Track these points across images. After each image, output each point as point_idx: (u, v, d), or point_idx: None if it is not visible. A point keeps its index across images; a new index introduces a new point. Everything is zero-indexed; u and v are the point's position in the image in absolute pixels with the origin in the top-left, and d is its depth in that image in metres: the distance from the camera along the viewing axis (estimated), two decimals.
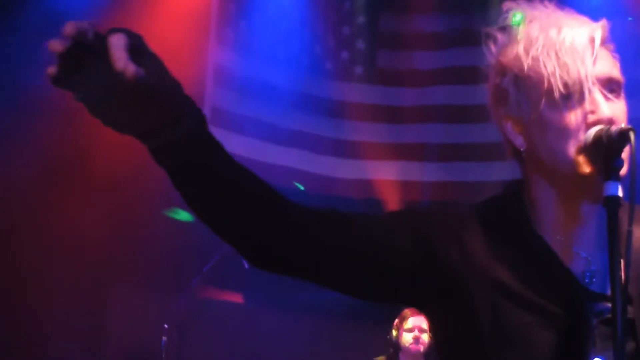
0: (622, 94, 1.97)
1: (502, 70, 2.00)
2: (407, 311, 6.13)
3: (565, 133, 1.91)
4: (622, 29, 6.92)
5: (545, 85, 1.91)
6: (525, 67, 1.94)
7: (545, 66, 1.91)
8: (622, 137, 1.79)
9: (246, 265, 6.76)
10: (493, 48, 2.05)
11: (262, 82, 7.91)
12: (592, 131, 1.85)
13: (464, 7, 8.40)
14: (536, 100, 1.94)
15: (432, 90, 8.42)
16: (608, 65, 1.96)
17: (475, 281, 1.94)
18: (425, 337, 6.12)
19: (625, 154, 1.81)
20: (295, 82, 8.09)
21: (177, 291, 6.68)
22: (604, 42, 1.97)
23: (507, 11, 2.04)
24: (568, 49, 1.92)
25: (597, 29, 1.95)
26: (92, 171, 6.88)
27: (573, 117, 1.90)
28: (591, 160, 1.86)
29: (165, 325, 6.47)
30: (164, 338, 6.45)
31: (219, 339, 7.66)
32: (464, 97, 8.28)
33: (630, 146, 1.78)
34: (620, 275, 1.74)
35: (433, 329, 2.10)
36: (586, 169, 1.89)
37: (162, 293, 6.96)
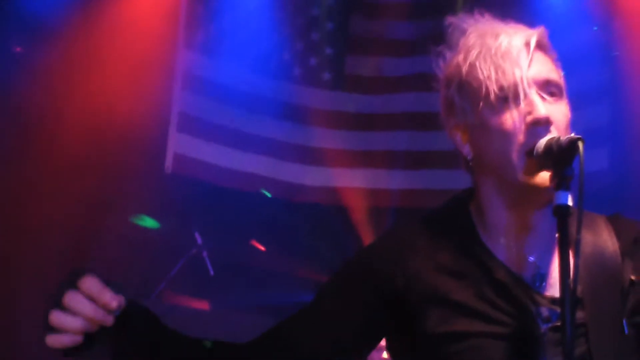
0: (564, 97, 2.01)
1: (447, 81, 2.05)
2: None
3: (505, 135, 1.94)
4: (588, 38, 6.97)
5: (483, 89, 1.95)
6: (464, 74, 1.98)
7: (481, 70, 1.95)
8: (572, 146, 1.81)
9: (211, 272, 6.76)
10: (441, 63, 2.09)
11: (229, 88, 7.88)
12: (543, 141, 1.88)
13: (432, 14, 8.41)
14: (476, 105, 1.98)
15: (399, 97, 8.41)
16: (545, 69, 1.99)
17: (422, 300, 1.97)
18: None
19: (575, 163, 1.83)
20: (263, 88, 8.07)
21: (142, 297, 6.63)
22: (542, 48, 2.01)
23: (450, 26, 2.08)
24: (504, 53, 1.97)
25: (533, 35, 2.00)
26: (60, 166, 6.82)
27: (511, 119, 1.94)
28: (541, 169, 1.89)
29: None
30: None
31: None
32: (431, 104, 8.25)
33: (579, 156, 1.80)
34: (570, 283, 1.76)
35: (394, 355, 2.13)
36: (531, 179, 1.91)
37: (129, 295, 6.89)
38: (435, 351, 1.96)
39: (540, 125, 1.92)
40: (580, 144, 1.80)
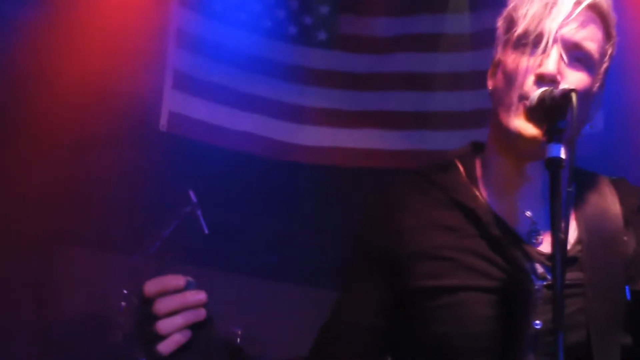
0: (591, 69, 1.98)
1: (503, 14, 2.04)
2: None
3: (511, 78, 1.95)
4: None
5: (513, 26, 1.94)
6: (511, 8, 1.98)
7: (522, 10, 1.94)
8: (565, 99, 1.80)
9: (205, 230, 6.76)
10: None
11: (224, 46, 7.84)
12: (537, 93, 1.87)
13: None
14: (507, 40, 1.97)
15: (392, 57, 8.38)
16: (584, 33, 1.97)
17: (413, 257, 1.98)
18: None
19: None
20: (258, 46, 8.03)
21: (139, 253, 6.64)
22: (598, 12, 1.98)
23: None
24: (551, 1, 1.93)
25: None
26: (42, 125, 6.78)
27: (522, 65, 1.93)
28: (535, 121, 1.88)
29: (125, 291, 6.43)
30: (123, 304, 6.41)
31: None
32: (426, 64, 8.26)
33: (572, 108, 1.79)
34: (561, 237, 1.76)
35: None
36: (520, 128, 1.91)
37: (120, 256, 6.91)
38: (424, 306, 1.96)
39: (545, 81, 1.92)
40: (573, 95, 1.79)
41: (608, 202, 2.02)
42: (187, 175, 7.04)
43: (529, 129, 1.90)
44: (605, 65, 2.01)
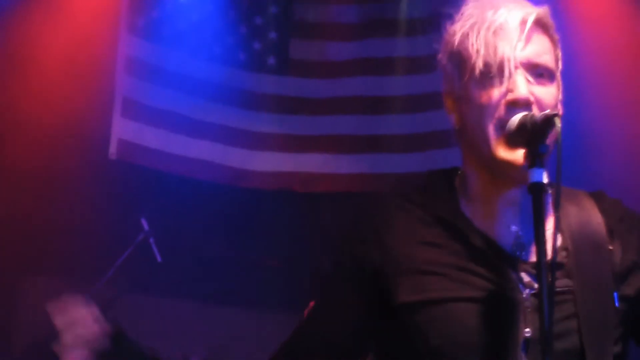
0: (554, 81, 2.00)
1: (444, 48, 2.05)
2: None
3: (484, 109, 1.95)
4: None
5: (471, 61, 1.95)
6: (457, 42, 1.98)
7: (472, 43, 1.95)
8: (546, 123, 1.80)
9: (159, 258, 6.69)
10: (444, 33, 2.09)
11: (174, 73, 7.81)
12: (516, 118, 1.88)
13: None
14: (463, 75, 1.98)
15: (346, 81, 8.41)
16: (537, 50, 2.00)
17: (398, 271, 1.97)
18: None
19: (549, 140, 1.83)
20: (207, 73, 8.01)
21: (92, 282, 6.56)
22: (542, 27, 2.00)
23: None
24: (497, 28, 1.97)
25: (533, 13, 1.98)
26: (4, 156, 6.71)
27: (492, 95, 1.94)
28: (513, 146, 1.89)
29: None
30: None
31: (134, 331, 7.55)
32: (377, 88, 8.30)
33: (556, 132, 1.79)
34: (546, 262, 1.77)
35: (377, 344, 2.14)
36: (504, 156, 1.91)
37: (77, 284, 6.82)
38: (414, 321, 1.96)
39: (519, 106, 1.93)
40: (556, 120, 1.80)
41: (589, 213, 2.05)
42: (139, 203, 6.98)
43: (517, 158, 1.92)
44: (560, 69, 2.04)
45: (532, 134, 1.83)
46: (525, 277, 1.95)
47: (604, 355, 1.93)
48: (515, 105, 1.92)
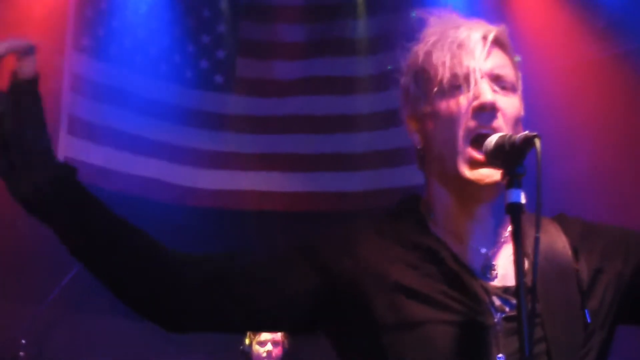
0: (517, 93, 2.03)
1: (406, 70, 2.06)
2: None
3: (451, 120, 1.97)
4: None
5: (438, 76, 1.97)
6: (421, 61, 2.00)
7: (437, 57, 1.98)
8: (525, 144, 1.81)
9: None
10: (406, 54, 2.11)
11: (120, 90, 7.76)
12: (493, 138, 1.88)
13: (326, 17, 8.45)
14: (429, 92, 2.00)
15: (293, 100, 8.43)
16: (500, 64, 2.03)
17: (372, 286, 1.96)
18: (278, 350, 6.05)
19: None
20: (154, 91, 7.97)
21: (35, 303, 6.47)
22: (501, 45, 2.05)
23: (415, 20, 2.10)
24: (460, 42, 2.01)
25: (493, 30, 2.02)
26: None
27: (459, 104, 1.95)
28: (491, 166, 1.89)
29: (23, 341, 6.26)
30: (22, 354, 6.25)
31: (79, 352, 7.49)
32: (325, 107, 8.33)
33: (536, 152, 1.80)
34: (525, 282, 1.78)
35: (338, 348, 2.09)
36: (473, 173, 1.92)
37: (19, 305, 6.73)
38: (385, 342, 1.94)
39: (486, 110, 1.95)
40: (537, 141, 1.81)
41: (554, 237, 2.06)
42: None
43: (486, 176, 1.93)
44: (520, 85, 2.07)
45: (509, 155, 1.84)
46: (497, 301, 1.95)
47: None
48: (482, 110, 1.93)
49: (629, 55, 6.89)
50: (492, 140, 1.89)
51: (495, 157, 1.88)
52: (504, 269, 2.00)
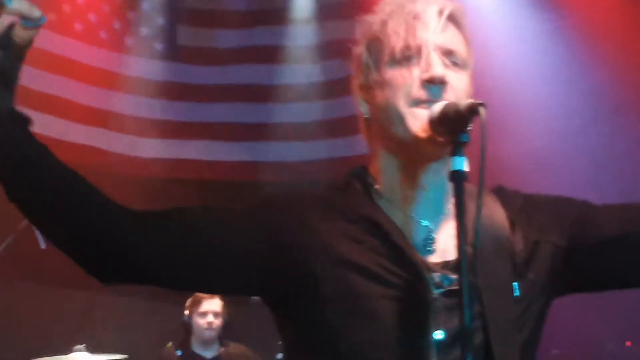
0: (467, 71, 2.05)
1: (360, 40, 2.06)
2: (199, 294, 5.97)
3: (399, 88, 1.97)
4: None
5: (390, 44, 1.98)
6: (375, 31, 2.01)
7: (392, 28, 1.99)
8: (470, 112, 1.83)
9: (42, 245, 6.56)
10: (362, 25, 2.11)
11: (59, 57, 7.67)
12: (439, 105, 1.89)
13: None
14: (380, 61, 2.00)
15: (234, 69, 8.40)
16: (453, 41, 2.04)
17: (319, 258, 1.95)
18: (219, 321, 6.06)
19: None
20: (93, 58, 7.89)
21: None
22: (456, 23, 2.06)
23: None
24: (416, 14, 2.01)
25: (449, 6, 2.03)
26: None
27: (408, 73, 1.96)
28: (436, 133, 1.91)
29: None
30: None
31: (12, 322, 7.45)
32: (265, 76, 8.31)
33: (480, 121, 1.81)
34: (467, 250, 1.79)
35: (279, 318, 2.09)
36: (422, 132, 1.93)
37: None
38: (327, 315, 1.94)
39: (435, 83, 1.95)
40: (481, 110, 1.82)
41: (492, 209, 2.06)
42: None
43: (424, 132, 1.93)
44: (471, 64, 2.08)
45: (454, 122, 1.85)
46: (436, 277, 1.96)
47: (511, 348, 1.96)
48: (431, 82, 1.94)
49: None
50: (437, 107, 1.90)
51: (439, 125, 1.89)
52: (444, 243, 2.01)
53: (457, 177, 1.81)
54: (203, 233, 2.00)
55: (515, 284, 2.00)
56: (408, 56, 1.99)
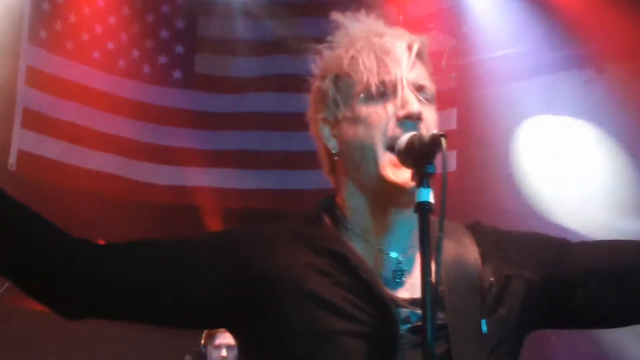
0: (434, 105, 2.05)
1: (324, 73, 2.06)
2: None
3: (375, 126, 1.97)
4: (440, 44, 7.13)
5: (363, 81, 1.97)
6: (345, 65, 2.00)
7: (364, 63, 1.98)
8: (434, 143, 1.82)
9: None
10: (318, 58, 2.09)
11: (76, 85, 7.70)
12: (405, 137, 1.89)
13: (285, 16, 8.45)
14: (351, 97, 2.00)
15: (251, 97, 8.42)
16: (421, 75, 2.04)
17: (288, 292, 1.94)
18: (233, 355, 6.08)
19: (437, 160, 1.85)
20: (112, 86, 7.92)
21: None
22: (421, 57, 2.06)
23: (333, 23, 2.09)
24: (387, 50, 2.02)
25: (416, 41, 2.04)
26: None
27: (384, 111, 1.96)
28: (403, 165, 1.90)
29: None
30: None
31: (28, 349, 7.43)
32: (283, 105, 8.32)
33: (443, 152, 1.81)
34: (431, 282, 1.77)
35: (246, 349, 2.08)
36: (391, 176, 1.93)
37: None
38: (295, 350, 1.93)
39: (412, 119, 1.95)
40: (443, 140, 1.82)
41: (465, 246, 2.06)
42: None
43: (405, 180, 1.93)
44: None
45: (419, 154, 1.85)
46: (403, 313, 1.95)
47: None
48: (408, 119, 1.94)
49: None
50: (403, 139, 1.90)
51: (406, 156, 1.89)
52: (414, 277, 2.00)
53: (422, 209, 1.80)
54: (170, 267, 2.00)
55: (484, 320, 1.98)
56: (382, 93, 1.99)
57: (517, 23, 7.11)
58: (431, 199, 1.80)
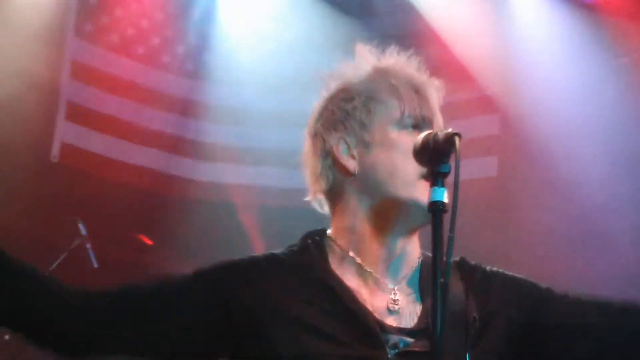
0: None
1: (349, 93, 2.10)
2: None
3: (410, 154, 1.99)
4: (482, 49, 7.09)
5: (402, 110, 2.02)
6: (378, 90, 2.06)
7: (405, 94, 2.03)
8: (448, 142, 1.85)
9: (95, 264, 6.58)
10: (332, 80, 2.15)
11: (120, 79, 7.74)
12: (421, 136, 1.92)
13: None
14: (386, 123, 2.04)
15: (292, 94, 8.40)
16: (440, 115, 2.19)
17: (272, 320, 2.00)
18: None
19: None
20: (155, 80, 7.96)
21: None
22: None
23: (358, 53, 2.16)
24: (419, 87, 2.14)
25: (439, 84, 2.20)
26: None
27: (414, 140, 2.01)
28: (419, 163, 1.94)
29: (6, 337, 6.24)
30: (7, 337, 6.22)
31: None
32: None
33: (456, 151, 1.84)
34: (441, 282, 1.80)
35: None
36: (413, 192, 1.96)
37: None
38: None
39: None
40: (456, 139, 1.84)
41: (451, 282, 2.08)
42: (78, 207, 6.89)
43: (421, 193, 1.97)
44: None
45: (434, 153, 1.88)
46: (392, 339, 1.98)
47: None
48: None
49: None
50: (419, 139, 1.94)
51: (421, 154, 1.92)
52: (405, 306, 2.07)
53: (437, 208, 1.82)
54: (157, 307, 2.10)
55: (467, 355, 2.02)
56: (417, 124, 2.05)
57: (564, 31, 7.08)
58: (445, 198, 1.82)
